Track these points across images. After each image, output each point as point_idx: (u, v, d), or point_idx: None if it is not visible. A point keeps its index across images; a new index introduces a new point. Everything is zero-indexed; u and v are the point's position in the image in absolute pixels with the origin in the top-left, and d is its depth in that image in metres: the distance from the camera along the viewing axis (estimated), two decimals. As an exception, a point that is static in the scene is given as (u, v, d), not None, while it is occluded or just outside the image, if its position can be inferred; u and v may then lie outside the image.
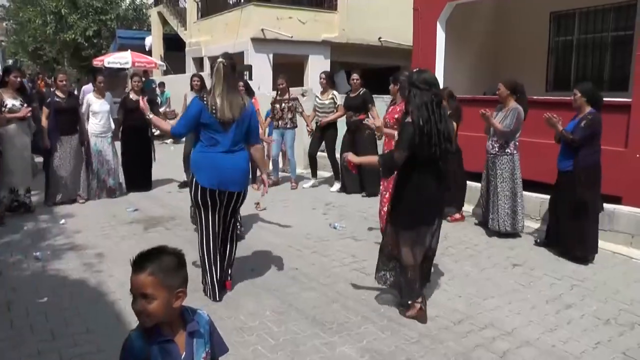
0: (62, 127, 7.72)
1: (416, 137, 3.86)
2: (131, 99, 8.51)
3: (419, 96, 3.94)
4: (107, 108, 8.25)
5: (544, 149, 7.53)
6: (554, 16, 10.12)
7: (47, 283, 4.80)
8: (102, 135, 8.21)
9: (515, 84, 6.37)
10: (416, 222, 4.12)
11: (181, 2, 23.06)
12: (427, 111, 3.89)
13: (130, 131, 8.60)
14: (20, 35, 33.12)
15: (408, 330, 3.94)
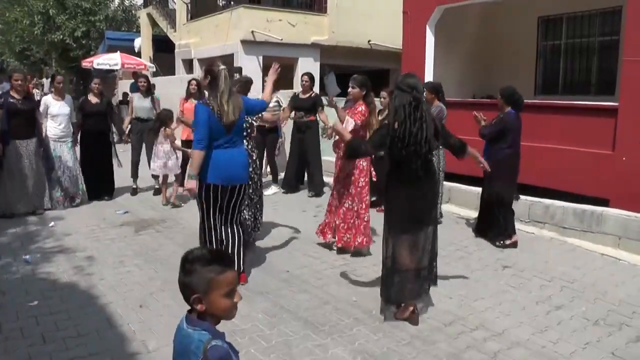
0: (16, 131, 7.09)
1: (387, 138, 4.06)
2: (90, 101, 8.05)
3: (398, 98, 4.09)
4: (66, 111, 7.71)
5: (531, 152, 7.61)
6: (542, 20, 10.22)
7: (37, 286, 4.77)
8: (61, 140, 7.68)
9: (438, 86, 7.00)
10: (399, 223, 4.18)
11: (170, 3, 22.98)
12: (404, 113, 4.00)
13: (90, 136, 8.03)
14: (7, 36, 32.78)
15: (399, 332, 3.97)
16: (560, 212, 6.67)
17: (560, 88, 10.06)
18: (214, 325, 1.87)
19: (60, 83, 7.90)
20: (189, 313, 1.88)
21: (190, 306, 1.86)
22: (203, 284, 1.81)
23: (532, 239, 6.50)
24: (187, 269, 1.84)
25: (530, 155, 7.62)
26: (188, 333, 1.82)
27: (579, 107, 7.54)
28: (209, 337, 1.80)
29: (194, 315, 1.85)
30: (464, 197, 7.86)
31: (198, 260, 1.85)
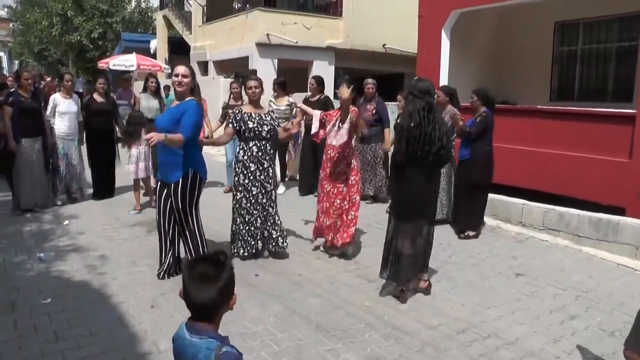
0: (25, 129, 7.13)
1: (403, 140, 4.43)
2: (96, 100, 8.09)
3: (412, 103, 4.48)
4: (74, 109, 7.80)
5: (545, 158, 7.55)
6: (558, 26, 10.13)
7: (51, 284, 4.81)
8: (68, 138, 7.76)
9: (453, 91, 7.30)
10: (406, 214, 4.60)
11: (186, 6, 23.13)
12: (418, 116, 4.38)
13: (94, 135, 8.12)
14: (27, 37, 33.25)
15: (411, 338, 3.94)
16: (575, 220, 6.59)
17: (576, 94, 9.96)
18: (217, 330, 1.85)
19: (69, 81, 7.91)
20: (190, 320, 1.85)
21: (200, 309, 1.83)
22: (234, 281, 1.85)
23: (547, 247, 6.43)
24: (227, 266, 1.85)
25: (545, 162, 7.58)
26: (193, 342, 1.79)
27: (595, 113, 7.46)
28: (218, 344, 1.78)
29: (198, 324, 1.83)
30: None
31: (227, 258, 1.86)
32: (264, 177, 5.53)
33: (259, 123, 5.48)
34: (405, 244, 4.64)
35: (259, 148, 5.50)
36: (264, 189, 5.54)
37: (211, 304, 1.80)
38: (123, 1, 30.69)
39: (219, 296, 1.80)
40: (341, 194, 5.67)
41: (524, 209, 7.16)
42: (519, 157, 7.91)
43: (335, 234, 5.71)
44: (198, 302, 1.80)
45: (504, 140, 8.13)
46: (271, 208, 5.62)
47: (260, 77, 5.96)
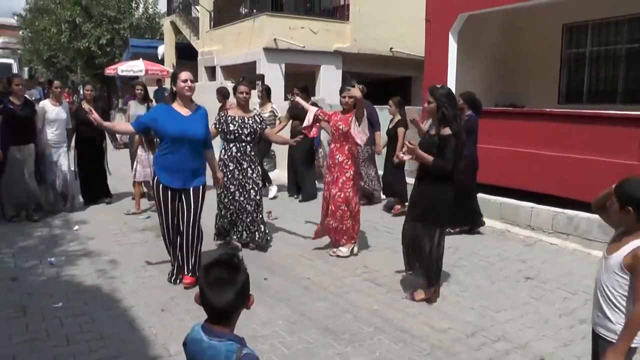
0: (15, 137, 6.92)
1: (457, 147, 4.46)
2: (84, 108, 7.61)
3: (451, 110, 4.48)
4: (63, 116, 7.65)
5: (554, 161, 7.53)
6: (566, 28, 10.10)
7: (62, 288, 4.84)
8: (57, 145, 7.61)
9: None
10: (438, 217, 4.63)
11: (194, 11, 23.24)
12: (457, 123, 4.48)
13: (84, 142, 8.03)
14: (36, 44, 33.51)
15: (420, 342, 3.94)
16: (584, 224, 6.56)
17: (584, 97, 9.92)
18: (233, 331, 1.87)
19: (57, 88, 7.76)
20: (207, 323, 1.86)
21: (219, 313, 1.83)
22: (249, 283, 1.88)
23: (556, 251, 6.41)
24: (243, 269, 1.87)
25: (554, 165, 7.55)
26: (213, 345, 1.80)
27: (605, 116, 7.43)
28: (238, 346, 1.80)
29: (216, 326, 1.84)
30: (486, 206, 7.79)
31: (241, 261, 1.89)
32: (242, 176, 5.92)
33: (240, 126, 5.88)
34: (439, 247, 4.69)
35: (238, 149, 5.90)
36: (241, 188, 5.94)
37: (230, 307, 1.82)
38: (131, 7, 30.90)
39: (237, 299, 1.82)
40: (347, 198, 5.79)
41: (532, 212, 7.14)
42: (528, 160, 7.89)
43: (341, 235, 5.88)
44: (217, 306, 1.81)
45: (512, 143, 8.14)
46: (249, 206, 5.96)
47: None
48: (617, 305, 2.51)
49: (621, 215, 2.51)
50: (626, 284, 2.47)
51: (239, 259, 1.90)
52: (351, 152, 5.82)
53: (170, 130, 4.72)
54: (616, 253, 2.52)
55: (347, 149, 5.80)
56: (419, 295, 4.71)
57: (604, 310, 2.56)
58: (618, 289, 2.50)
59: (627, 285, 2.47)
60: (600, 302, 2.59)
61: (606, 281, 2.55)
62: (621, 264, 2.47)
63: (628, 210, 2.46)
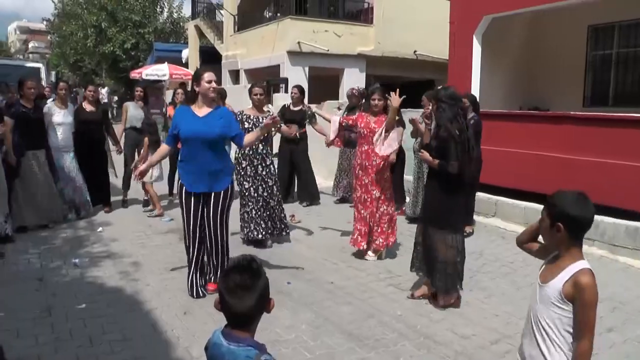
0: (29, 141, 6.73)
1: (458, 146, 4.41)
2: (85, 109, 7.81)
3: (449, 110, 4.48)
4: (70, 120, 7.42)
5: (580, 165, 7.40)
6: (592, 29, 9.94)
7: (85, 289, 4.89)
8: (64, 150, 7.36)
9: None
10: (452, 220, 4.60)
11: (218, 15, 23.45)
12: (458, 122, 4.45)
13: (83, 145, 7.66)
14: (63, 48, 34.16)
15: (444, 348, 3.89)
16: (611, 229, 6.43)
17: (610, 100, 9.75)
18: (254, 337, 1.85)
19: (63, 90, 7.50)
20: (227, 328, 1.85)
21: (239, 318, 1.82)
22: (269, 287, 1.88)
23: (582, 256, 6.29)
24: (262, 273, 1.86)
25: (579, 169, 7.41)
26: (232, 350, 1.79)
27: (632, 119, 7.27)
28: (257, 352, 1.78)
29: (235, 331, 1.82)
30: (510, 211, 7.70)
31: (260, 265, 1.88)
32: (254, 174, 6.18)
33: (255, 124, 6.05)
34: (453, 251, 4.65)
35: (250, 147, 6.02)
36: (255, 185, 6.20)
37: (250, 312, 1.81)
38: (155, 12, 31.32)
39: (257, 304, 1.81)
40: (387, 200, 5.90)
41: (558, 217, 7.01)
42: (552, 164, 7.77)
43: (379, 238, 5.94)
44: (237, 311, 1.80)
45: (536, 147, 8.01)
46: (262, 201, 6.21)
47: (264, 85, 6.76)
48: (558, 344, 2.14)
49: (552, 234, 2.20)
50: (568, 317, 2.12)
51: (258, 264, 1.88)
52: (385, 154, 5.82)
53: (183, 130, 4.60)
54: (553, 280, 2.17)
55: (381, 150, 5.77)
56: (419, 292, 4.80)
57: (540, 348, 2.19)
58: (558, 324, 2.14)
59: (569, 318, 2.12)
60: (535, 338, 2.21)
61: (543, 313, 2.19)
62: (561, 293, 2.12)
63: (559, 227, 2.16)
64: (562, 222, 2.15)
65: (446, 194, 4.56)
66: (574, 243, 2.20)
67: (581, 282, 2.10)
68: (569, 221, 2.15)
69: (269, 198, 6.27)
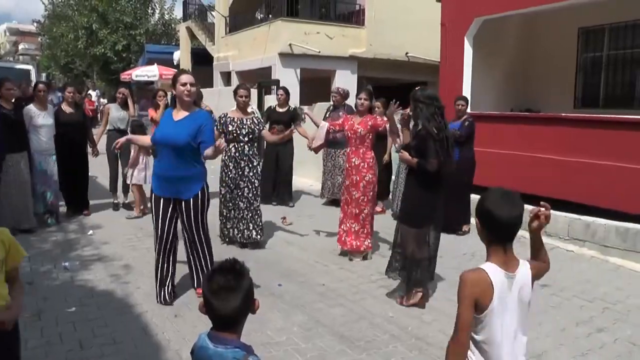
0: (11, 143, 6.54)
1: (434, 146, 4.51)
2: (64, 111, 7.68)
3: (426, 109, 4.59)
4: (51, 122, 7.26)
5: (570, 167, 7.43)
6: (582, 32, 9.99)
7: (76, 293, 4.86)
8: (46, 153, 7.22)
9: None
10: (427, 220, 4.69)
11: (209, 17, 23.40)
12: (435, 121, 4.54)
13: (64, 147, 7.51)
14: (53, 50, 34.00)
15: (435, 349, 3.88)
16: (602, 230, 6.47)
17: (601, 101, 9.80)
18: (240, 338, 1.85)
19: (42, 91, 7.26)
20: (213, 331, 1.84)
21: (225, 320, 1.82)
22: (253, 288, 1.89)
23: (572, 258, 6.33)
24: (246, 274, 1.86)
25: (570, 171, 7.45)
26: (219, 353, 1.78)
27: (622, 121, 7.32)
28: (244, 354, 1.78)
29: (222, 333, 1.82)
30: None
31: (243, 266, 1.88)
32: (238, 176, 6.14)
33: (238, 127, 6.12)
34: (421, 249, 4.72)
35: (236, 149, 6.13)
36: (237, 187, 6.16)
37: (236, 313, 1.81)
38: (147, 14, 31.24)
39: (243, 305, 1.81)
40: (369, 202, 5.93)
41: (549, 219, 7.04)
42: (543, 166, 7.80)
43: (360, 240, 5.95)
44: (223, 313, 1.80)
45: (528, 148, 8.05)
46: (242, 203, 6.18)
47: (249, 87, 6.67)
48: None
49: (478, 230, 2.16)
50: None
51: (241, 264, 1.88)
52: (366, 156, 5.88)
53: (155, 134, 4.63)
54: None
55: (362, 153, 5.87)
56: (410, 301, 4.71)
57: None
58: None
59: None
60: None
61: None
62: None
63: (476, 222, 2.16)
64: (478, 217, 2.14)
65: (423, 192, 4.66)
66: (493, 243, 2.14)
67: (459, 279, 2.10)
68: (483, 217, 2.11)
69: (253, 199, 6.24)
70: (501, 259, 2.11)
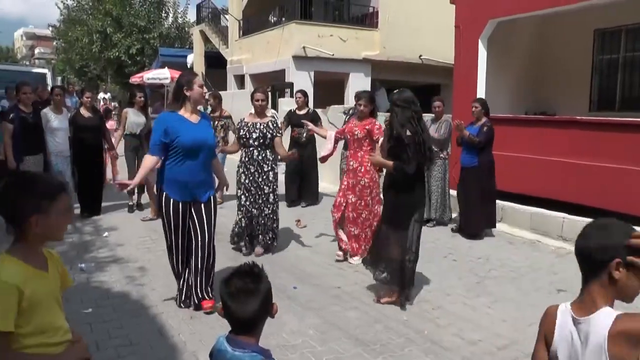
0: (28, 146, 6.75)
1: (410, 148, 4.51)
2: (83, 115, 7.87)
3: (402, 113, 4.60)
4: (66, 125, 7.53)
5: (586, 171, 7.36)
6: (598, 33, 9.90)
7: (92, 294, 4.89)
8: (62, 155, 7.48)
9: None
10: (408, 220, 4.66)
11: (223, 20, 23.50)
12: (412, 125, 4.54)
13: (82, 151, 7.76)
14: (68, 54, 34.33)
15: (451, 354, 3.86)
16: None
17: (617, 104, 9.70)
18: (258, 342, 1.84)
19: (58, 95, 7.52)
20: (231, 334, 1.84)
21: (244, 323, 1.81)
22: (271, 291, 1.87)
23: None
24: (264, 277, 1.86)
25: (585, 175, 7.38)
26: (237, 356, 1.78)
27: (639, 124, 7.24)
28: (262, 358, 1.78)
29: (240, 337, 1.81)
30: (516, 216, 7.67)
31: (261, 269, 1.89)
32: (249, 181, 6.04)
33: (249, 131, 6.01)
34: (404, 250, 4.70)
35: (246, 154, 6.07)
36: (247, 192, 6.07)
37: (254, 316, 1.80)
38: (160, 17, 31.44)
39: (261, 308, 1.80)
40: (368, 207, 5.85)
41: (564, 223, 6.99)
42: (558, 169, 7.74)
43: (360, 244, 5.91)
44: (241, 316, 1.79)
45: (543, 152, 7.99)
46: (254, 210, 6.08)
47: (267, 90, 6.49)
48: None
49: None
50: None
51: (260, 268, 1.88)
52: (364, 160, 5.80)
53: (185, 140, 4.27)
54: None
55: (361, 156, 5.79)
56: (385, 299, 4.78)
57: None
58: None
59: None
60: None
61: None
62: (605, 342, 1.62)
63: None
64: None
65: (401, 194, 4.69)
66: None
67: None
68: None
69: (264, 206, 6.09)
70: (577, 298, 1.81)
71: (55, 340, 1.96)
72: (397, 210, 4.72)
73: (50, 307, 1.96)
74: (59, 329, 2.00)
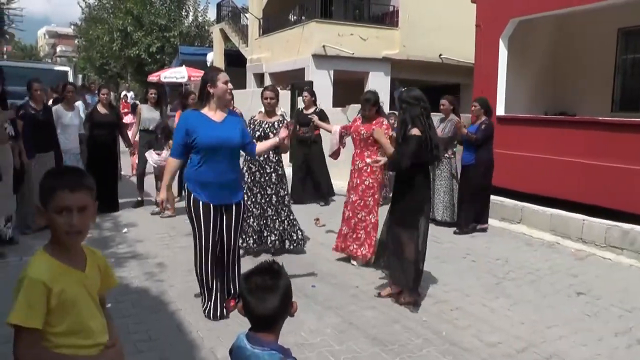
0: (38, 143, 6.68)
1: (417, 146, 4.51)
2: (99, 112, 7.97)
3: (411, 110, 4.61)
4: (77, 122, 7.63)
5: (607, 172, 7.25)
6: (622, 32, 9.74)
7: (111, 290, 4.90)
8: (72, 152, 7.52)
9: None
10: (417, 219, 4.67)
11: (243, 19, 23.58)
12: (420, 123, 4.55)
13: (97, 147, 7.83)
14: (89, 52, 34.74)
15: (470, 355, 3.84)
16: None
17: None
18: (277, 340, 1.84)
19: (70, 92, 7.58)
20: (251, 332, 1.83)
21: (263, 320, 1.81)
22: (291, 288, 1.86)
23: (609, 265, 6.18)
24: (284, 274, 1.85)
25: (607, 176, 7.27)
26: (256, 354, 1.77)
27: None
28: (281, 356, 1.77)
29: (259, 334, 1.81)
30: (536, 217, 7.60)
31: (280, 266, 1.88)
32: (250, 180, 6.03)
33: (253, 130, 5.97)
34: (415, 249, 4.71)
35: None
36: (249, 192, 6.02)
37: (274, 313, 1.80)
38: (181, 16, 31.66)
39: (280, 305, 1.80)
40: (367, 207, 5.77)
41: (584, 225, 6.90)
42: (579, 171, 7.64)
43: (349, 244, 5.88)
44: (261, 313, 1.79)
45: (562, 152, 7.89)
46: (255, 210, 6.03)
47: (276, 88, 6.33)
48: None
49: None
50: None
51: (280, 265, 1.88)
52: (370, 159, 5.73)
53: (203, 139, 4.08)
54: None
55: (367, 156, 5.66)
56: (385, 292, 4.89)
57: None
58: None
59: None
60: None
61: None
62: None
63: None
64: None
65: (407, 193, 4.69)
66: None
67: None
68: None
69: (267, 207, 6.05)
70: None
71: (89, 343, 1.91)
72: (405, 210, 4.71)
73: (85, 308, 1.91)
74: (94, 330, 1.94)
